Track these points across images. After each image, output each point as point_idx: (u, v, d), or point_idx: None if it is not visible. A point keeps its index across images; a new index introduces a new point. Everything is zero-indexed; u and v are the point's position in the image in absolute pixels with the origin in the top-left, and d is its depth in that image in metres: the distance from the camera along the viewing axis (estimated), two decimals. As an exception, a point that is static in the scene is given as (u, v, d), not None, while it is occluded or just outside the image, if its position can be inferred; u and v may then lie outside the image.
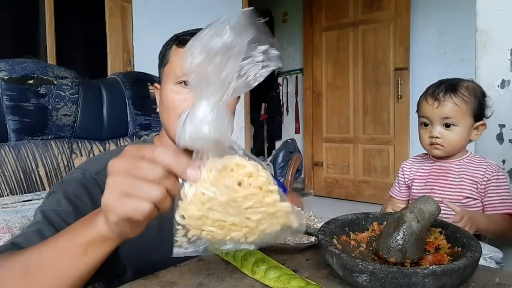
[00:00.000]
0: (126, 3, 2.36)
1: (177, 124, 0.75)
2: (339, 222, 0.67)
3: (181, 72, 0.79)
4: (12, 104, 1.67)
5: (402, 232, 0.57)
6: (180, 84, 0.79)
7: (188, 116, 0.47)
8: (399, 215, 0.59)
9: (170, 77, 0.81)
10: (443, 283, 0.50)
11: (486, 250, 1.05)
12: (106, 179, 0.67)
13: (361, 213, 0.71)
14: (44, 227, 0.66)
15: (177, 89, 0.80)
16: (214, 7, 2.90)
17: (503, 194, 1.07)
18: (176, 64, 0.80)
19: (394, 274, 0.50)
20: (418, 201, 0.61)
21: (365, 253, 0.64)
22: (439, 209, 0.60)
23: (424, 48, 3.32)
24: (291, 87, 4.38)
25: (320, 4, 3.87)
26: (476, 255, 0.54)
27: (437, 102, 1.08)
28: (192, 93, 0.77)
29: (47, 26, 2.12)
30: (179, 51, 0.81)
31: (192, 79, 0.46)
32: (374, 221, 0.70)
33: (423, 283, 0.49)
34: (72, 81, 1.87)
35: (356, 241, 0.66)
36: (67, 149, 1.88)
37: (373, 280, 0.51)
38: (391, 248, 0.58)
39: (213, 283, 0.58)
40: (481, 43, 1.32)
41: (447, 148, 1.10)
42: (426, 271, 0.49)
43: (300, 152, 2.73)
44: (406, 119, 3.37)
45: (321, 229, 0.63)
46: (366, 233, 0.68)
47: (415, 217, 0.58)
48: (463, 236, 0.61)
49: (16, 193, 1.70)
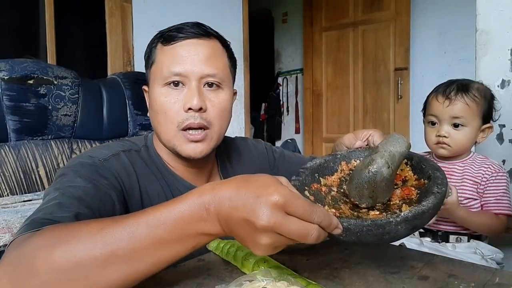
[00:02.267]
0: (126, 3, 2.36)
1: (169, 129, 0.74)
2: (308, 170, 0.67)
3: (168, 72, 0.74)
4: (12, 104, 1.67)
5: (373, 180, 0.57)
6: (168, 85, 0.75)
7: None
8: (369, 160, 0.58)
9: (157, 78, 0.76)
10: (415, 225, 0.51)
11: (487, 251, 1.05)
12: (115, 166, 0.70)
13: (329, 155, 0.71)
14: (64, 199, 0.60)
15: (165, 91, 0.75)
16: (214, 7, 2.90)
17: (500, 195, 1.07)
18: (163, 64, 0.75)
19: (369, 227, 0.50)
20: (388, 142, 0.59)
21: (337, 197, 0.64)
22: (409, 146, 0.59)
23: (424, 48, 3.32)
24: (291, 87, 4.38)
25: (320, 4, 3.87)
26: (443, 189, 0.54)
27: (448, 101, 1.07)
28: (182, 95, 0.73)
29: (47, 26, 2.12)
30: (165, 50, 0.76)
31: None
32: (342, 161, 0.69)
33: (396, 230, 0.50)
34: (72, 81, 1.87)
35: (326, 186, 0.66)
36: (67, 149, 1.88)
37: (349, 235, 0.51)
38: (362, 196, 0.58)
39: (213, 283, 0.58)
40: (481, 43, 1.32)
41: (453, 148, 1.09)
42: (398, 218, 0.50)
43: (300, 152, 2.73)
44: (406, 119, 3.37)
45: (293, 184, 0.61)
46: (335, 175, 0.68)
47: (386, 162, 0.57)
48: (428, 167, 0.61)
49: (16, 193, 1.71)
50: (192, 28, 0.75)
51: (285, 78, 4.42)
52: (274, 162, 1.00)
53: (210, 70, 0.74)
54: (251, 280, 0.50)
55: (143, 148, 0.82)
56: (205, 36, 0.76)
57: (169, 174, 0.81)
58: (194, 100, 0.72)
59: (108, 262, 0.47)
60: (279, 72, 4.47)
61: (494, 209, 1.07)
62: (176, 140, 0.75)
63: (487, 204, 1.08)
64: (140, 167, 0.78)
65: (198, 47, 0.74)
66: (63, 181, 0.66)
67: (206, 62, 0.74)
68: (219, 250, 0.68)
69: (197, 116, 0.73)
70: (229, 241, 0.68)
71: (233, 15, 3.05)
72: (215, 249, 0.70)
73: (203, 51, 0.74)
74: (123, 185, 0.73)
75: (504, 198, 1.07)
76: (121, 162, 0.75)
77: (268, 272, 0.52)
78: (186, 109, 0.73)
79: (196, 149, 0.75)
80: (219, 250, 0.68)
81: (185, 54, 0.74)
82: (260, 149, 1.00)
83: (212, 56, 0.76)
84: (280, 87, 4.47)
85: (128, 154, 0.77)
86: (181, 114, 0.74)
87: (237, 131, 3.20)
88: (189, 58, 0.73)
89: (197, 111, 0.73)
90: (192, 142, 0.75)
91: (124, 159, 0.76)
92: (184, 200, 0.49)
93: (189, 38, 0.74)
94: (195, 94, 0.73)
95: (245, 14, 3.12)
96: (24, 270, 0.46)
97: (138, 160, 0.79)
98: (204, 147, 0.76)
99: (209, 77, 0.75)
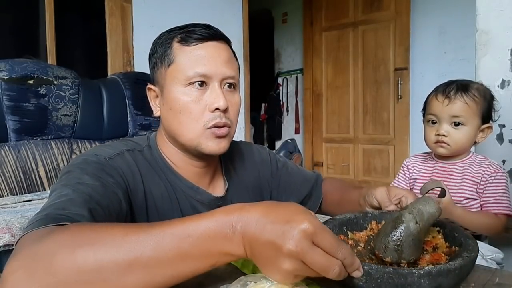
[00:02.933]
0: (126, 3, 2.36)
1: (194, 128, 0.76)
2: (337, 222, 0.67)
3: (193, 72, 0.75)
4: (12, 104, 1.67)
5: (399, 233, 0.57)
6: (192, 85, 0.75)
7: None
8: (398, 215, 0.59)
9: (179, 78, 0.76)
10: (439, 283, 0.50)
11: (487, 251, 1.05)
12: (120, 165, 0.73)
13: (359, 212, 0.71)
14: (76, 196, 0.60)
15: (189, 91, 0.75)
16: (214, 7, 2.90)
17: (499, 195, 1.07)
18: (186, 65, 0.75)
19: (390, 274, 0.50)
20: (418, 202, 0.60)
21: (362, 253, 0.64)
22: (440, 211, 0.60)
23: (424, 48, 3.32)
24: (291, 87, 4.38)
25: (320, 4, 3.87)
26: (473, 254, 0.54)
27: (448, 100, 1.08)
28: (205, 95, 0.75)
29: (47, 26, 2.12)
30: (185, 50, 0.76)
31: None
32: (373, 220, 0.70)
33: (418, 283, 0.49)
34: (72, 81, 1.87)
35: (354, 240, 0.66)
36: (67, 149, 1.88)
37: (369, 281, 0.50)
38: (387, 248, 0.57)
39: (213, 283, 0.58)
40: (481, 43, 1.32)
41: (452, 147, 1.10)
42: (421, 271, 0.49)
43: (300, 152, 2.73)
44: (406, 119, 3.37)
45: None
46: (364, 232, 0.68)
47: (414, 218, 0.57)
48: (460, 235, 0.61)
49: (16, 193, 1.70)
50: (208, 29, 0.78)
51: (285, 78, 4.42)
52: (276, 171, 1.00)
53: (231, 72, 0.78)
54: (255, 281, 0.50)
55: (146, 148, 0.82)
56: (220, 39, 0.79)
57: (172, 174, 0.81)
58: (221, 101, 0.74)
59: (129, 269, 0.46)
60: (279, 72, 4.47)
61: (494, 209, 1.07)
62: (202, 138, 0.76)
63: (487, 204, 1.08)
64: (144, 167, 0.78)
65: (218, 49, 0.77)
66: (69, 178, 0.65)
67: (226, 64, 0.77)
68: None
69: (222, 115, 0.76)
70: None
71: (233, 15, 3.04)
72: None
73: (223, 54, 0.78)
74: (128, 184, 0.73)
75: (503, 198, 1.07)
76: (125, 161, 0.75)
77: None
78: (212, 109, 0.75)
79: (220, 144, 0.77)
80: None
81: (208, 56, 0.76)
82: (264, 156, 1.00)
83: (230, 59, 0.79)
84: (280, 87, 4.47)
85: (132, 154, 0.78)
86: (207, 114, 0.75)
87: (237, 131, 3.19)
88: (212, 59, 0.76)
89: (223, 111, 0.76)
90: (218, 138, 0.77)
91: (128, 158, 0.76)
92: (211, 216, 0.49)
93: (209, 40, 0.77)
94: (220, 95, 0.75)
95: (245, 14, 3.12)
96: (42, 265, 0.45)
97: (141, 159, 0.79)
98: (226, 143, 0.79)
99: (229, 78, 0.78)
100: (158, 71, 0.80)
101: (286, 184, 1.01)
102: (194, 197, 0.82)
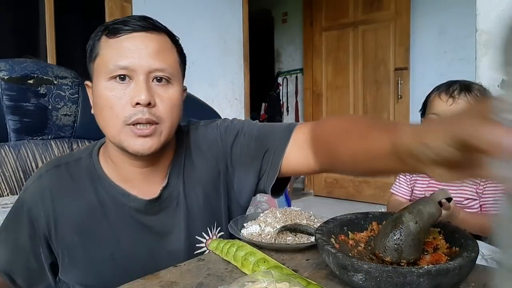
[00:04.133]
0: (126, 3, 2.36)
1: (115, 124, 0.70)
2: (337, 222, 0.67)
3: (114, 65, 0.69)
4: (12, 104, 1.67)
5: (399, 232, 0.57)
6: (114, 79, 0.69)
7: None
8: (398, 215, 0.59)
9: (102, 72, 0.71)
10: (438, 283, 0.50)
11: (487, 251, 1.05)
12: (30, 197, 0.78)
13: (360, 212, 0.71)
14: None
15: (111, 86, 0.70)
16: (214, 7, 2.90)
17: (498, 195, 1.07)
18: (109, 57, 0.70)
19: (389, 273, 0.50)
20: (418, 202, 0.61)
21: (363, 253, 0.64)
22: (440, 211, 0.60)
23: (424, 48, 3.32)
24: (291, 87, 4.38)
25: (320, 4, 3.87)
26: (473, 254, 0.54)
27: (452, 99, 1.08)
28: (129, 89, 0.69)
29: (47, 26, 2.12)
30: (110, 42, 0.71)
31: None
32: (373, 221, 0.70)
33: (418, 282, 0.49)
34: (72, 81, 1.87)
35: (354, 240, 0.67)
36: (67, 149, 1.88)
37: (368, 279, 0.51)
38: (387, 248, 0.58)
39: (213, 283, 0.58)
40: (481, 43, 1.32)
41: None
42: (421, 270, 0.49)
43: (300, 152, 2.73)
44: (406, 119, 3.37)
45: (319, 229, 0.63)
46: (365, 233, 0.69)
47: (414, 218, 0.58)
48: (461, 236, 0.61)
49: (16, 193, 1.70)
50: (140, 21, 0.72)
51: (285, 78, 4.42)
52: (228, 144, 0.83)
53: (159, 64, 0.70)
54: (253, 281, 0.50)
55: (86, 156, 0.80)
56: (153, 29, 0.72)
57: (106, 181, 0.77)
58: (142, 95, 0.68)
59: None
60: (279, 72, 4.48)
61: (493, 210, 1.07)
62: (122, 135, 0.70)
63: (486, 204, 1.08)
64: (66, 184, 0.77)
65: (146, 40, 0.71)
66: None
67: (154, 56, 0.70)
68: (219, 250, 0.68)
69: (145, 111, 0.69)
70: (229, 241, 0.69)
71: (233, 15, 3.04)
72: (215, 249, 0.70)
73: (151, 45, 0.71)
74: (33, 219, 0.76)
75: None
76: (38, 187, 0.77)
77: (269, 273, 0.53)
78: (133, 104, 0.68)
79: (144, 144, 0.70)
80: (219, 250, 0.68)
81: (132, 47, 0.69)
82: (213, 135, 0.84)
83: (161, 51, 0.72)
84: (280, 87, 4.47)
85: (52, 172, 0.78)
86: (128, 109, 0.69)
87: (237, 131, 3.20)
88: (136, 51, 0.69)
89: (146, 106, 0.69)
90: (140, 137, 0.70)
91: (42, 182, 0.78)
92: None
93: (136, 31, 0.70)
94: (143, 88, 0.68)
95: (245, 14, 3.12)
96: None
97: (75, 171, 0.78)
98: (154, 142, 0.71)
99: (157, 71, 0.71)
100: (88, 65, 0.76)
101: (241, 154, 0.82)
102: (127, 204, 0.76)
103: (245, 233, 0.75)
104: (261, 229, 0.75)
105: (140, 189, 0.77)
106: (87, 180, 0.77)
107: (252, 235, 0.74)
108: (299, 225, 0.74)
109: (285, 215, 0.78)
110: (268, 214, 0.79)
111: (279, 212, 0.79)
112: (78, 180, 0.77)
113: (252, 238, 0.72)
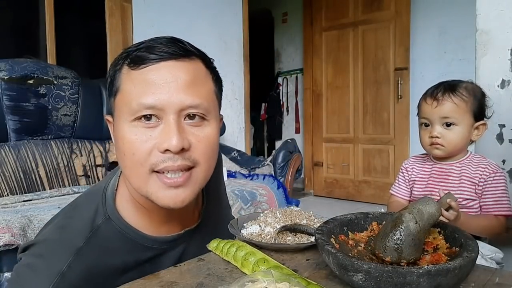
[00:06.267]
0: (126, 3, 2.36)
1: (139, 174, 0.59)
2: (337, 222, 0.67)
3: (138, 104, 0.58)
4: (12, 104, 1.67)
5: (399, 232, 0.57)
6: (138, 120, 0.59)
7: None
8: (398, 215, 0.60)
9: (124, 111, 0.60)
10: (438, 283, 0.50)
11: (487, 251, 1.05)
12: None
13: (360, 212, 0.71)
14: None
15: (134, 128, 0.59)
16: (214, 7, 2.90)
17: (498, 195, 1.07)
18: (132, 94, 0.59)
19: (389, 273, 0.50)
20: (418, 202, 0.61)
21: (363, 253, 0.64)
22: (440, 211, 0.60)
23: (424, 48, 3.32)
24: (291, 87, 4.39)
25: (320, 4, 3.87)
26: (473, 255, 0.54)
27: (436, 102, 1.09)
28: (156, 132, 0.58)
29: (47, 26, 2.12)
30: (133, 75, 0.60)
31: None
32: (373, 221, 0.70)
33: (418, 282, 0.49)
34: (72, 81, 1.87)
35: (354, 240, 0.67)
36: (67, 149, 1.88)
37: (368, 279, 0.51)
38: (387, 248, 0.58)
39: (213, 283, 0.58)
40: (481, 43, 1.32)
41: (447, 147, 1.10)
42: (421, 270, 0.49)
43: (300, 152, 2.74)
44: (406, 119, 3.37)
45: (319, 229, 0.63)
46: (365, 233, 0.69)
47: (414, 218, 0.58)
48: (461, 236, 0.61)
49: (16, 193, 1.71)
50: (167, 46, 0.60)
51: (285, 78, 4.42)
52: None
53: (193, 100, 0.59)
54: (253, 281, 0.50)
55: (103, 223, 0.65)
56: (184, 56, 0.61)
57: (142, 239, 0.68)
58: (172, 140, 0.57)
59: None
60: (279, 72, 4.48)
61: (493, 211, 1.07)
62: (149, 187, 0.60)
63: (486, 205, 1.08)
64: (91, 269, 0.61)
65: (176, 71, 0.59)
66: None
67: (186, 90, 0.59)
68: (219, 250, 0.68)
69: (177, 158, 0.58)
70: (229, 241, 0.68)
71: (233, 15, 3.04)
72: (215, 249, 0.70)
73: (183, 76, 0.59)
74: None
75: (503, 199, 1.07)
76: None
77: (269, 273, 0.53)
78: (162, 150, 0.58)
79: (176, 197, 0.60)
80: (219, 250, 0.68)
81: (160, 81, 0.58)
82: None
83: (194, 82, 0.60)
84: (280, 87, 4.47)
85: (78, 260, 0.60)
86: (155, 155, 0.58)
87: (237, 131, 3.20)
88: (164, 85, 0.58)
89: (177, 153, 0.58)
90: (171, 187, 0.60)
91: (71, 278, 0.59)
92: None
93: (164, 60, 0.59)
94: (173, 132, 0.57)
95: (245, 14, 3.12)
96: None
97: (94, 257, 0.62)
98: (187, 194, 0.61)
99: (191, 108, 0.60)
100: (109, 100, 0.65)
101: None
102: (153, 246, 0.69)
103: (245, 233, 0.75)
104: (261, 229, 0.75)
105: (177, 226, 0.72)
106: (122, 251, 0.65)
107: (252, 235, 0.74)
108: (299, 225, 0.74)
109: (285, 215, 0.78)
110: (268, 214, 0.79)
111: (279, 212, 0.79)
112: (120, 242, 0.65)
113: (252, 238, 0.72)
